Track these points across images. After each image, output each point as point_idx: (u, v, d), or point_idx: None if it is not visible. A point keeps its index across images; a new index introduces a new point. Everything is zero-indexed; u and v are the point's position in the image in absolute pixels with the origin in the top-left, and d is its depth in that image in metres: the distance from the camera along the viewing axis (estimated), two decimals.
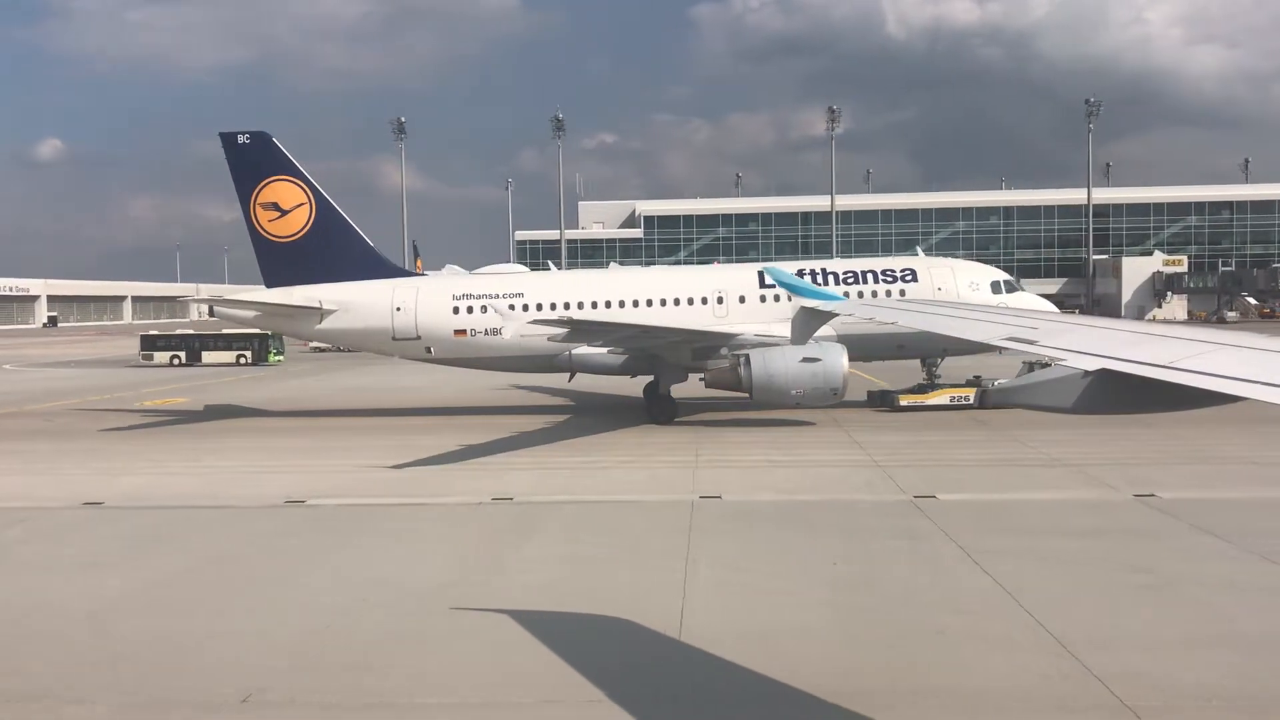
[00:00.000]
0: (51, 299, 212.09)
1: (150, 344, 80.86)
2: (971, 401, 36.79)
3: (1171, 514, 21.02)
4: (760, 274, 38.56)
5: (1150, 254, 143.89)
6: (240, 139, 40.79)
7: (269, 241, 40.74)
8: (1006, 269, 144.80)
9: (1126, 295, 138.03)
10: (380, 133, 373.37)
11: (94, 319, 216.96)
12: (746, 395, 34.19)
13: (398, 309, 39.04)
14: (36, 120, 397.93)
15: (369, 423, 39.81)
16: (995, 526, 20.58)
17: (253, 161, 40.65)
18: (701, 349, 35.90)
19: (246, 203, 40.80)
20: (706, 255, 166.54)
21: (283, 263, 40.61)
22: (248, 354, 76.58)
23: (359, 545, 20.13)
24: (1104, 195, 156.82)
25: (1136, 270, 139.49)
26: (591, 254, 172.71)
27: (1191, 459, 27.63)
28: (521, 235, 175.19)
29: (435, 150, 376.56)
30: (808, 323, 30.77)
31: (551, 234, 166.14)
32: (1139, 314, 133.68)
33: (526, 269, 46.47)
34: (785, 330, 35.88)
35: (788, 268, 38.84)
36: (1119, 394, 6.60)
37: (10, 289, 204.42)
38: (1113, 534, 19.72)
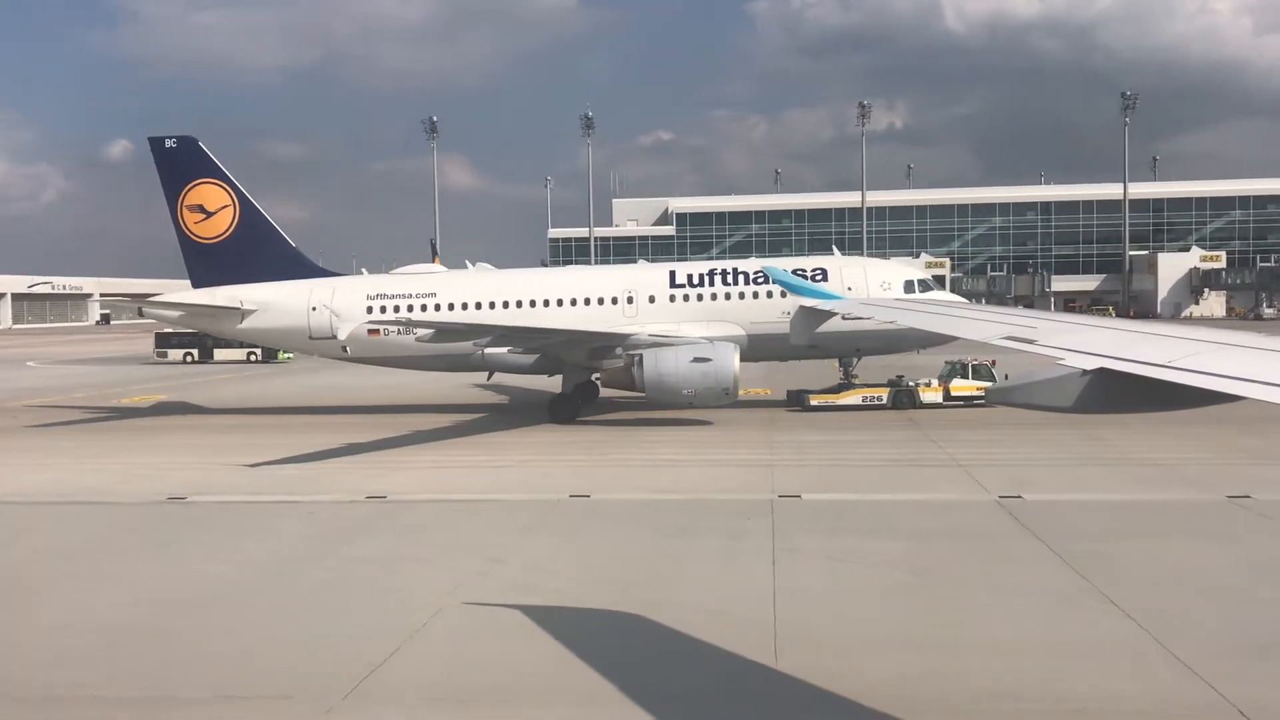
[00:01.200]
0: (105, 297, 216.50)
1: (164, 341, 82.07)
2: (885, 401, 36.60)
3: (1017, 516, 20.64)
4: (671, 273, 38.51)
5: (1188, 249, 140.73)
6: (168, 143, 41.51)
7: (194, 243, 41.38)
8: (1044, 265, 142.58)
9: (1163, 292, 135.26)
10: (445, 131, 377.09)
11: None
12: (642, 394, 34.18)
13: (314, 309, 39.37)
14: (107, 122, 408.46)
15: (316, 419, 39.86)
16: (828, 525, 20.42)
17: (180, 165, 41.36)
18: (597, 349, 35.91)
19: (174, 205, 41.43)
20: (739, 252, 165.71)
21: (208, 263, 41.29)
22: (258, 351, 77.54)
23: (195, 541, 20.45)
24: (1145, 190, 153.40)
25: (1173, 266, 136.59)
26: (624, 251, 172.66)
27: (1093, 461, 27.08)
28: (554, 233, 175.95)
29: (492, 148, 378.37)
30: (806, 322, 30.30)
31: (584, 231, 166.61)
32: (1175, 311, 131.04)
33: (445, 269, 46.29)
34: (695, 330, 35.91)
35: (701, 267, 38.94)
36: (1117, 393, 6.65)
37: (64, 287, 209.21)
38: (938, 536, 19.41)
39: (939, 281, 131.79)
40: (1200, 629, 13.70)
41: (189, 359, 79.39)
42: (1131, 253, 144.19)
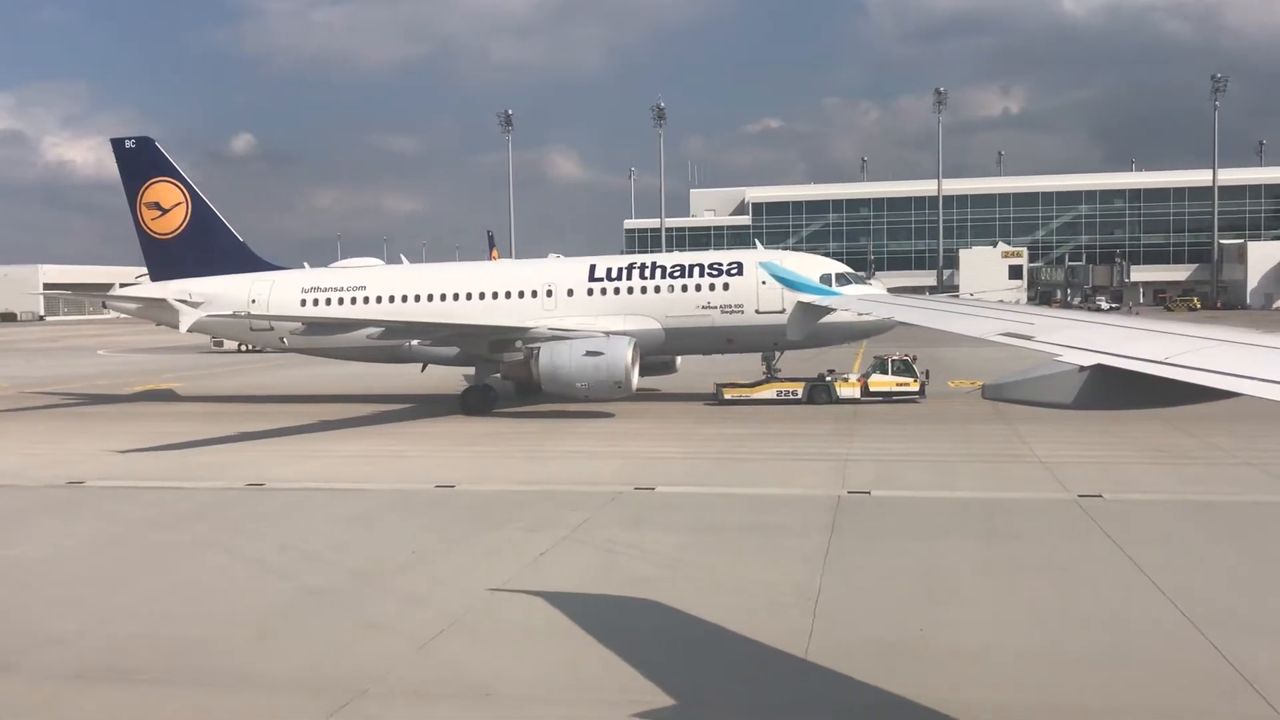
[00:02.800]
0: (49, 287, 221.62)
1: None
2: (800, 396, 36.02)
3: (834, 509, 20.35)
4: (591, 267, 38.48)
5: None
6: (128, 144, 43.41)
7: (151, 238, 43.08)
8: (1131, 254, 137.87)
9: (1253, 282, 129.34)
10: (547, 123, 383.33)
11: None
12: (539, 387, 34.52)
13: (252, 301, 40.33)
14: (231, 116, 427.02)
15: (274, 408, 39.98)
16: (656, 519, 20.40)
17: (138, 164, 43.10)
18: (496, 342, 36.09)
19: (133, 202, 43.14)
20: (816, 242, 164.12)
21: (163, 258, 42.92)
22: None
23: (41, 526, 21.12)
24: (1240, 176, 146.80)
25: (1264, 256, 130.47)
26: (699, 242, 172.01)
27: (962, 458, 26.59)
28: (629, 224, 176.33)
29: (598, 139, 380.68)
30: (805, 317, 30.17)
31: (657, 222, 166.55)
32: (1265, 302, 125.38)
33: (381, 263, 46.80)
34: (612, 324, 35.90)
35: (622, 261, 38.98)
36: (1115, 390, 6.68)
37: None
38: (739, 530, 19.27)
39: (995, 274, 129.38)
40: None
41: (243, 349, 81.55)
42: (1223, 241, 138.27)
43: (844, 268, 37.57)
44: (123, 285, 53.65)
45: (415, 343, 37.09)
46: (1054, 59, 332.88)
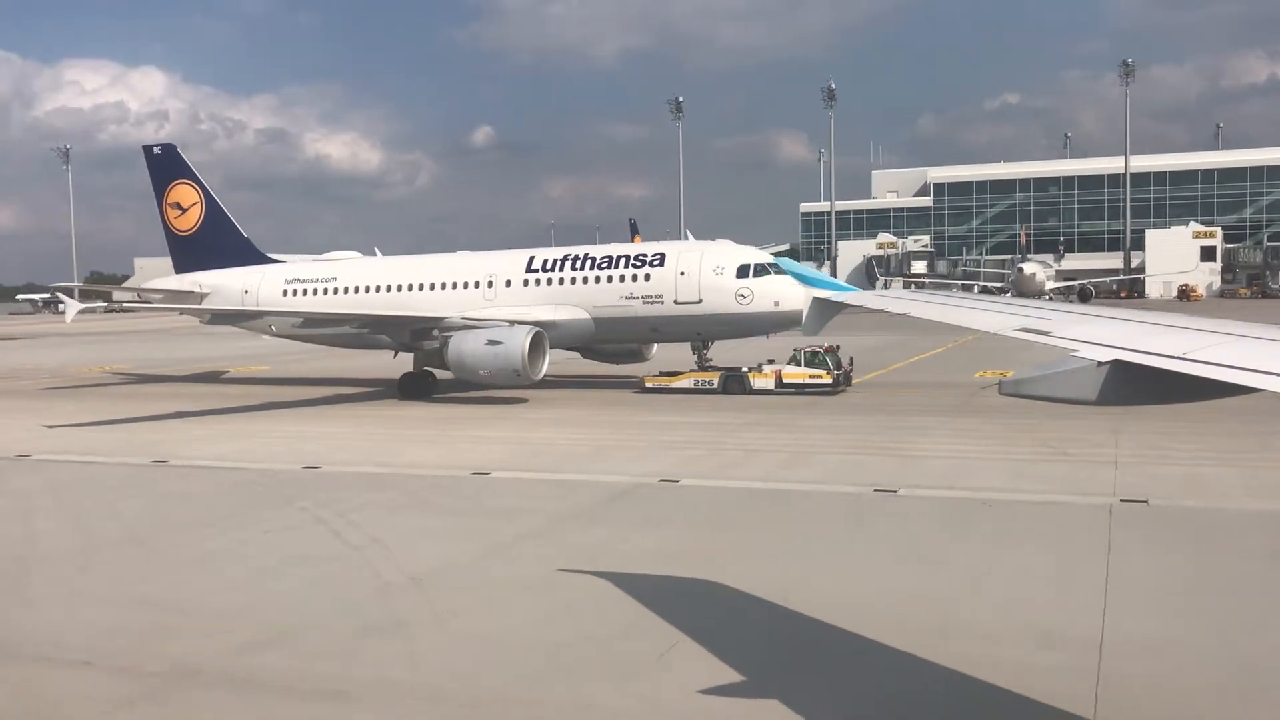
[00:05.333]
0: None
1: None
2: (715, 386, 35.77)
3: (628, 498, 20.14)
4: (530, 259, 39.14)
5: None
6: (155, 150, 48.12)
7: (174, 235, 47.49)
8: None
9: None
10: (776, 108, 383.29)
11: None
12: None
13: (245, 292, 43.41)
14: (471, 110, 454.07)
15: (282, 391, 42.04)
16: (435, 500, 20.78)
17: (163, 168, 47.54)
18: (418, 330, 37.26)
19: (160, 202, 47.56)
20: (1001, 224, 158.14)
21: (184, 253, 47.28)
22: None
23: None
24: None
25: None
26: (878, 224, 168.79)
27: (823, 449, 25.58)
28: (806, 207, 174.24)
29: (822, 122, 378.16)
30: (821, 312, 30.35)
31: (838, 205, 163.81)
32: None
33: (359, 255, 48.48)
34: (544, 313, 36.79)
35: (558, 253, 39.39)
36: (1134, 385, 6.69)
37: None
38: (487, 514, 19.38)
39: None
40: None
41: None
42: None
43: (767, 258, 36.69)
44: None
45: (365, 330, 38.71)
46: None
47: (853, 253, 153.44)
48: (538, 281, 38.19)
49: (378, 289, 41.24)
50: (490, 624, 13.08)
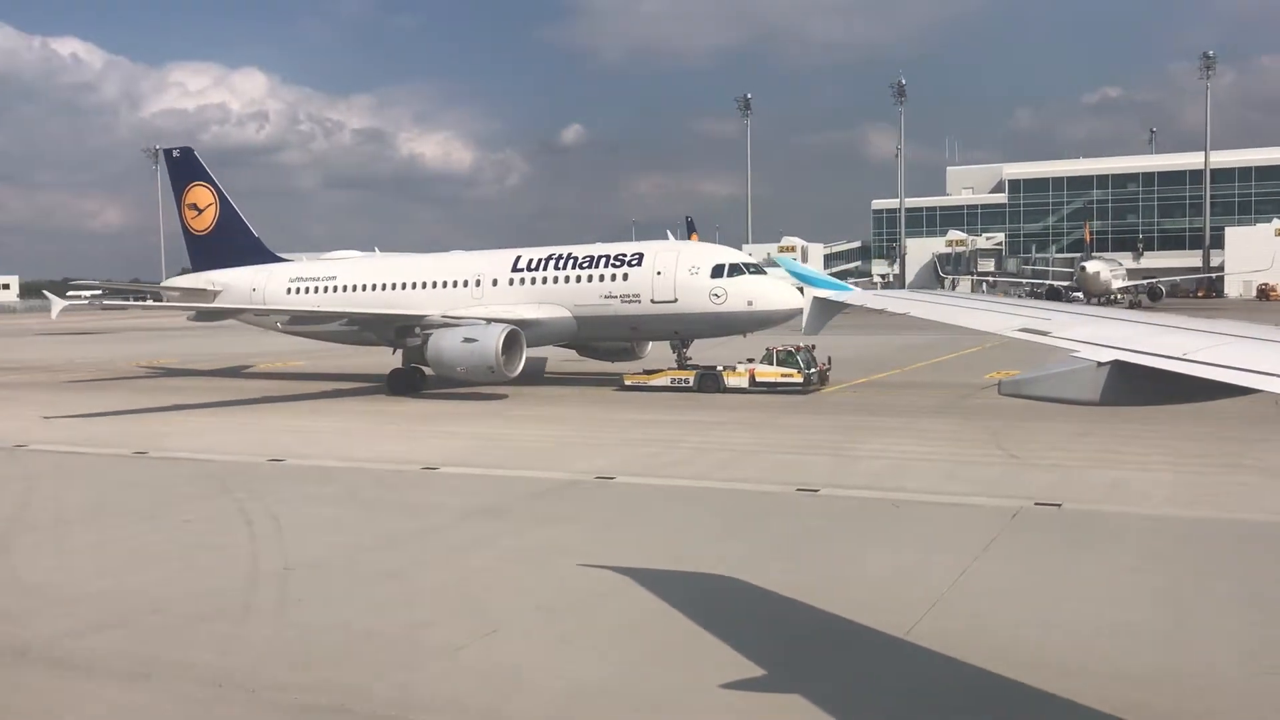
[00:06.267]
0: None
1: None
2: (691, 384, 36.04)
3: (554, 495, 20.59)
4: (516, 259, 39.80)
5: None
6: (174, 153, 50.07)
7: (191, 235, 49.25)
8: None
9: None
10: (867, 102, 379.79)
11: None
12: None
13: (253, 290, 45.04)
14: (562, 108, 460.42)
15: (292, 385, 43.69)
16: (367, 495, 21.20)
17: (181, 170, 49.44)
18: (402, 328, 38.30)
19: (178, 203, 49.45)
20: (1078, 220, 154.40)
21: (200, 252, 48.97)
22: None
23: None
24: None
25: None
26: (951, 221, 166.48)
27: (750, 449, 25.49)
28: (877, 204, 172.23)
29: (913, 117, 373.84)
30: (821, 312, 30.85)
31: (910, 201, 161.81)
32: None
33: (360, 254, 49.65)
34: (528, 312, 37.52)
35: (543, 253, 39.70)
36: (1134, 386, 6.72)
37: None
38: (447, 508, 19.77)
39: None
40: None
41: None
42: None
43: (742, 258, 36.87)
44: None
45: (355, 328, 39.82)
46: None
47: (922, 250, 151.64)
48: (523, 281, 38.91)
49: (371, 287, 42.41)
50: (323, 613, 13.53)
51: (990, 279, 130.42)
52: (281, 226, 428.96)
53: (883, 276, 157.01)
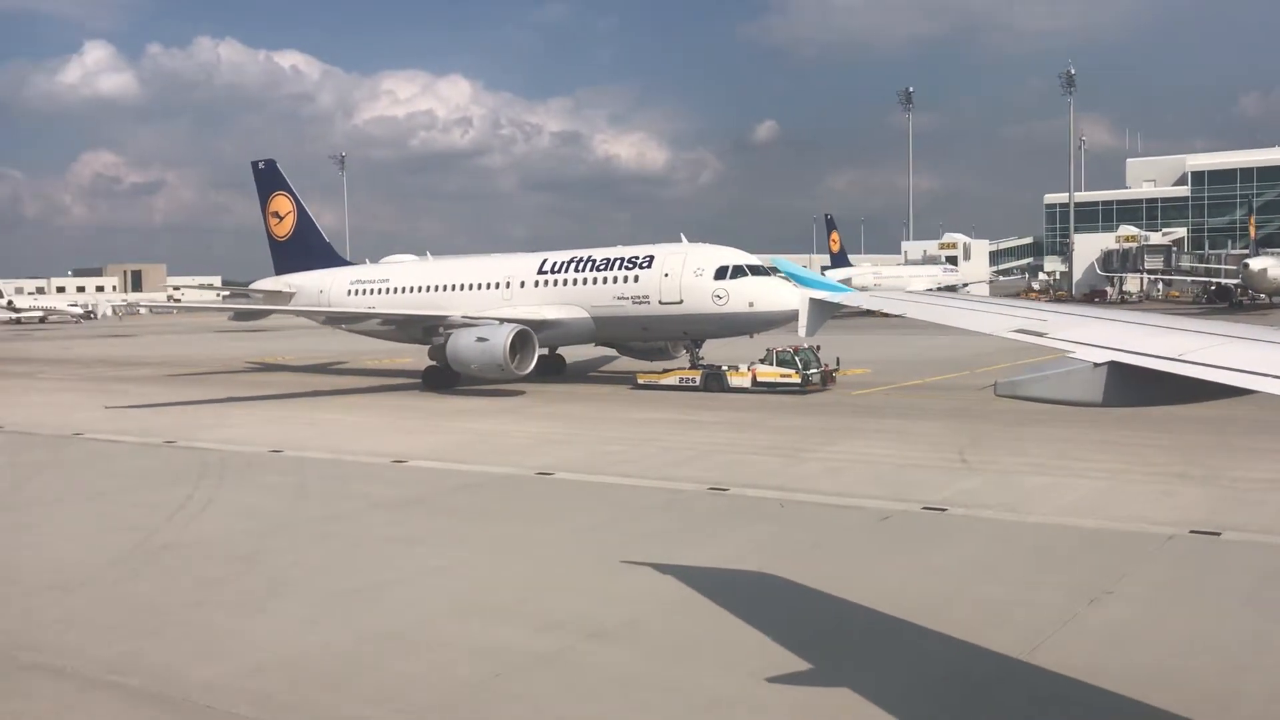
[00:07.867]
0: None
1: None
2: (697, 384, 36.47)
3: (478, 488, 21.76)
4: (543, 261, 41.08)
5: None
6: (260, 165, 53.51)
7: (274, 240, 53.06)
8: None
9: None
10: (1082, 92, 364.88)
11: None
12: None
13: (320, 291, 47.93)
14: (756, 105, 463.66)
15: (337, 380, 46.25)
16: (352, 488, 22.53)
17: (266, 180, 53.22)
18: (428, 328, 40.11)
19: (263, 211, 53.16)
20: (1269, 214, 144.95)
21: (281, 256, 52.46)
22: None
23: None
24: None
25: None
26: (1129, 215, 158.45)
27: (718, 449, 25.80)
28: (1050, 199, 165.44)
29: (1133, 105, 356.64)
30: (818, 313, 31.89)
31: (1083, 195, 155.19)
32: None
33: (415, 258, 51.53)
34: (551, 313, 39.03)
35: (565, 256, 40.92)
36: (1131, 387, 6.63)
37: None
38: (366, 498, 21.14)
39: None
40: None
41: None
42: None
43: (748, 260, 36.86)
44: None
45: (392, 328, 42.36)
46: None
47: (1093, 247, 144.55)
48: (547, 283, 40.40)
49: (417, 289, 44.69)
50: (148, 586, 15.08)
51: (1159, 276, 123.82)
52: (483, 227, 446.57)
53: (1049, 274, 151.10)
